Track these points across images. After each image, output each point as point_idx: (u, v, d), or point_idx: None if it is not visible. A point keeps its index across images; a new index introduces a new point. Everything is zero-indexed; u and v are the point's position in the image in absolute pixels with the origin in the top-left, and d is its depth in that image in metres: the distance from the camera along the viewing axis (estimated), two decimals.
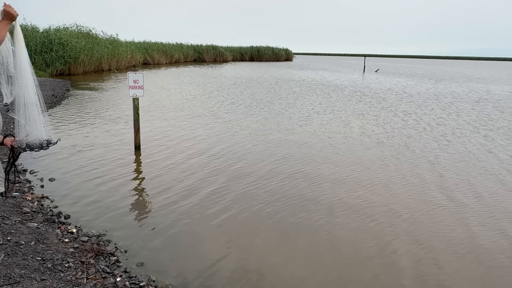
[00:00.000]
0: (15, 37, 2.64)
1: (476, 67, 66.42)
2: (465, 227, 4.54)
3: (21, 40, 2.65)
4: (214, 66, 41.93)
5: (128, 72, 6.85)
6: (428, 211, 4.92)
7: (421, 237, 4.24)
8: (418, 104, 15.00)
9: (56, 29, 23.98)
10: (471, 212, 4.95)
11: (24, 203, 4.46)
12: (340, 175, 6.19)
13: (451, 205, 5.15)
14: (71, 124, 9.42)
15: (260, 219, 4.57)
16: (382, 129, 9.92)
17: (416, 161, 7.12)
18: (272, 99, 15.27)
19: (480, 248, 4.07)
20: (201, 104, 13.47)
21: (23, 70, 2.65)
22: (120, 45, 29.84)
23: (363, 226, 4.46)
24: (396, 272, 3.59)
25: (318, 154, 7.42)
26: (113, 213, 4.55)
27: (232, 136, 8.74)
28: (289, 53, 68.78)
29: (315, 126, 10.05)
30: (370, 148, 7.96)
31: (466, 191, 5.65)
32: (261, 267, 3.59)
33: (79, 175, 5.74)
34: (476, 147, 8.28)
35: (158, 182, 5.62)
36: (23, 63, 2.65)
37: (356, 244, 4.06)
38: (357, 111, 12.93)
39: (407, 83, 25.52)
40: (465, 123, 11.21)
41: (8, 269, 2.90)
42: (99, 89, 16.77)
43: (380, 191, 5.58)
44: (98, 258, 3.44)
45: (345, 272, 3.58)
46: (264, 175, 6.06)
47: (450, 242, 4.16)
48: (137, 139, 7.20)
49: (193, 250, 3.83)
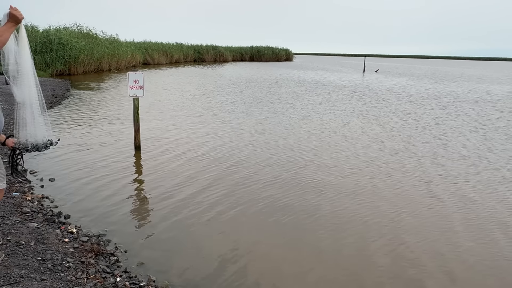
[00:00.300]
0: (20, 39, 2.70)
1: (475, 67, 66.42)
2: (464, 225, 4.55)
3: (25, 42, 2.71)
4: (214, 66, 41.93)
5: (128, 72, 6.85)
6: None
7: (427, 235, 4.25)
8: (417, 104, 15.01)
9: (56, 29, 23.99)
10: (470, 209, 4.96)
11: (24, 203, 4.46)
12: (340, 174, 6.20)
13: (451, 203, 5.16)
14: (71, 124, 9.42)
15: (261, 218, 4.57)
16: (381, 129, 9.93)
17: (416, 159, 7.13)
18: (272, 99, 15.27)
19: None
20: (201, 104, 13.47)
21: (26, 71, 2.69)
22: (120, 45, 29.85)
23: (363, 225, 4.47)
24: (396, 272, 3.59)
25: (318, 153, 7.42)
26: (113, 213, 4.55)
27: (232, 135, 8.74)
28: (289, 53, 68.78)
29: (315, 126, 10.04)
30: (369, 147, 7.96)
31: (464, 190, 5.66)
32: (261, 267, 3.59)
33: (79, 175, 5.75)
34: (475, 146, 8.29)
35: (158, 182, 5.62)
36: (26, 64, 2.70)
37: (360, 242, 4.06)
38: (356, 111, 12.93)
39: (407, 83, 25.52)
40: (464, 122, 11.22)
41: (8, 269, 2.90)
42: (99, 89, 16.77)
43: (379, 189, 5.58)
44: (98, 258, 3.45)
45: (346, 271, 3.59)
46: (264, 175, 6.06)
47: (451, 240, 4.17)
48: (137, 139, 7.20)
49: (193, 250, 3.83)
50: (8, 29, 2.59)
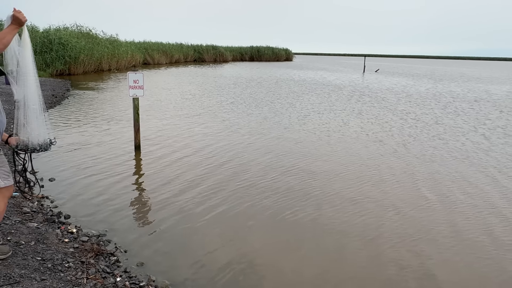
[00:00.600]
0: (22, 40, 2.73)
1: (475, 67, 66.42)
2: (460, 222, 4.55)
3: (28, 43, 2.74)
4: (214, 66, 41.93)
5: (128, 72, 6.85)
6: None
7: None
8: (417, 104, 15.01)
9: (56, 29, 23.99)
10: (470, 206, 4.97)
11: (24, 203, 4.46)
12: (339, 174, 6.20)
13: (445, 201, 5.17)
14: (71, 124, 9.42)
15: (262, 219, 4.57)
16: (380, 128, 9.93)
17: (415, 159, 7.13)
18: (272, 98, 15.27)
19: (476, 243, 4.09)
20: (201, 103, 13.48)
21: (27, 72, 2.71)
22: (120, 45, 29.84)
23: (364, 223, 4.48)
24: (398, 271, 3.60)
25: (316, 152, 7.42)
26: (113, 213, 4.56)
27: (232, 135, 8.74)
28: (289, 53, 68.78)
29: (315, 125, 10.05)
30: (369, 146, 7.97)
31: (462, 188, 5.67)
32: (263, 267, 3.59)
33: (79, 175, 5.75)
34: (474, 145, 8.29)
35: (158, 182, 5.63)
36: (28, 65, 2.72)
37: (362, 240, 4.07)
38: (356, 110, 12.94)
39: (406, 83, 25.53)
40: (463, 121, 11.22)
41: (8, 269, 2.91)
42: (99, 89, 16.77)
43: (379, 187, 5.59)
44: (98, 258, 3.45)
45: (347, 269, 3.59)
46: (264, 175, 6.06)
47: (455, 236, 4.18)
48: (137, 139, 7.20)
49: (193, 250, 3.84)
50: (10, 31, 2.62)
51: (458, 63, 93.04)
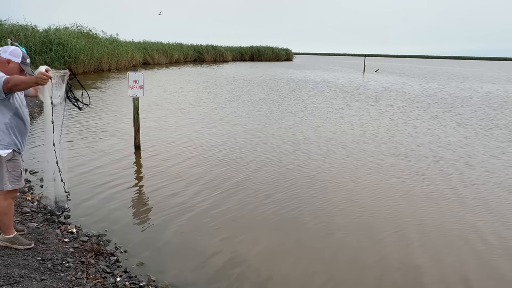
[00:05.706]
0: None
1: (475, 67, 66.42)
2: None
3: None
4: (214, 66, 41.91)
5: (128, 72, 6.85)
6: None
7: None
8: (416, 103, 15.01)
9: (56, 29, 23.97)
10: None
11: (24, 203, 4.46)
12: (339, 173, 6.20)
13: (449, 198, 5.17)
14: (70, 123, 9.41)
15: (262, 220, 4.56)
16: (380, 127, 9.92)
17: (416, 158, 7.14)
18: (272, 98, 15.27)
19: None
20: (201, 103, 13.47)
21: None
22: (120, 45, 29.80)
23: (362, 223, 4.47)
24: (397, 271, 3.60)
25: (316, 150, 7.42)
26: (113, 213, 4.55)
27: (233, 135, 8.74)
28: (289, 53, 68.74)
29: (315, 125, 10.04)
30: (368, 144, 7.96)
31: (460, 187, 5.67)
32: (262, 268, 3.59)
33: (79, 175, 5.74)
34: (473, 144, 8.29)
35: (158, 182, 5.62)
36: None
37: (364, 239, 4.07)
38: (355, 110, 12.93)
39: (406, 83, 25.53)
40: (463, 120, 11.22)
41: (8, 269, 2.90)
42: (99, 89, 16.76)
43: (378, 187, 5.59)
44: (98, 258, 3.45)
45: (347, 270, 3.59)
46: (265, 175, 6.06)
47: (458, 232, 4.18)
48: (137, 139, 7.20)
49: (193, 250, 3.83)
50: (28, 83, 2.85)
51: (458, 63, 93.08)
